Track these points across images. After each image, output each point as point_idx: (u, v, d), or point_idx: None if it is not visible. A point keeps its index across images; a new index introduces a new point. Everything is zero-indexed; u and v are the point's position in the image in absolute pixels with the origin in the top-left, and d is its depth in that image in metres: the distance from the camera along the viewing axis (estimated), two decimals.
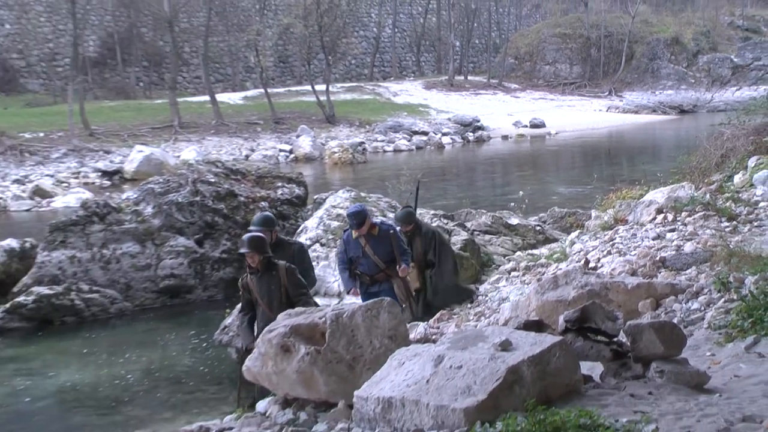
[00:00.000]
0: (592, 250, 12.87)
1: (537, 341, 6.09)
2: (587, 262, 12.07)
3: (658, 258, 11.05)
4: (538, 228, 16.26)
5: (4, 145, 42.17)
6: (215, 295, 16.95)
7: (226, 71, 68.82)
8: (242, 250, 10.26)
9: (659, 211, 13.42)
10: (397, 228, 12.79)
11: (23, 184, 36.80)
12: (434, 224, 14.48)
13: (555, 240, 15.43)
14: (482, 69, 77.24)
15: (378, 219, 12.48)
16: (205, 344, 13.84)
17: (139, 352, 13.93)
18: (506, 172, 40.39)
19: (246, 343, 9.86)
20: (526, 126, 57.20)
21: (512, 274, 13.39)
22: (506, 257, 14.61)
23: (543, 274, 12.26)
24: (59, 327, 15.71)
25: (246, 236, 10.42)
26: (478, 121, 56.57)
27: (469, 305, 12.46)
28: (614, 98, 70.14)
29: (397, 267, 11.88)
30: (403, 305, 11.80)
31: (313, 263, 13.76)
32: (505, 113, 60.03)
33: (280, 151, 46.59)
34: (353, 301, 10.67)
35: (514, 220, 16.44)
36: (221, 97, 56.12)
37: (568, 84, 74.63)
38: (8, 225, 28.35)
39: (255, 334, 9.81)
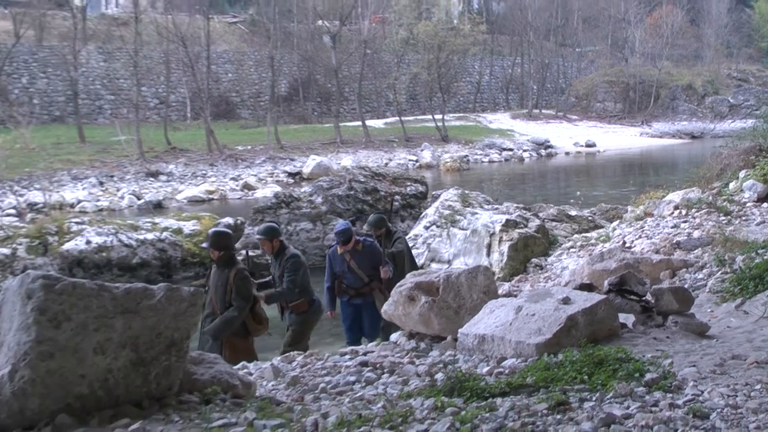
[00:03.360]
0: (628, 234, 12.66)
1: (588, 298, 6.01)
2: (624, 243, 11.88)
3: (674, 241, 10.86)
4: (589, 218, 15.98)
5: (225, 154, 43.11)
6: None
7: (372, 104, 69.09)
8: (203, 245, 8.88)
9: (676, 207, 13.17)
10: (370, 232, 11.14)
11: (237, 181, 37.52)
12: (515, 214, 14.07)
13: (602, 227, 15.14)
14: (552, 105, 76.15)
15: (360, 237, 10.11)
16: None
17: None
18: (567, 178, 39.83)
19: None
20: (582, 145, 56.24)
21: (571, 250, 13.21)
22: (567, 238, 14.40)
23: (593, 250, 12.08)
24: (258, 278, 15.97)
25: (209, 232, 8.75)
26: (548, 142, 55.87)
27: (539, 271, 12.27)
28: (645, 127, 68.59)
29: (381, 267, 9.75)
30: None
31: (431, 239, 13.70)
32: (567, 136, 59.11)
33: (409, 160, 46.61)
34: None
35: (573, 212, 16.20)
36: (369, 122, 56.37)
37: (612, 116, 73.21)
38: (226, 208, 28.98)
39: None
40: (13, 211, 26.84)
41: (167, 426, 4.30)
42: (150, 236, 16.52)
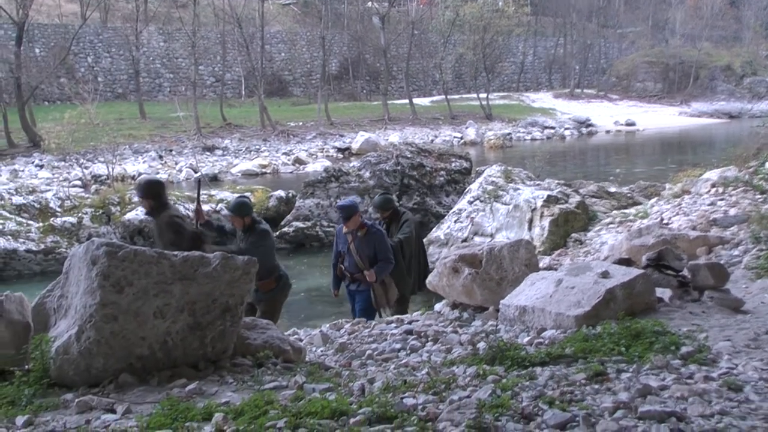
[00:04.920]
0: (666, 211, 12.46)
1: (627, 272, 5.95)
2: (662, 219, 11.70)
3: (711, 218, 10.66)
4: (628, 195, 15.75)
5: (277, 130, 43.32)
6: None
7: (419, 83, 68.74)
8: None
9: (713, 185, 12.92)
10: (375, 215, 9.98)
11: (288, 156, 37.68)
12: (556, 191, 13.83)
13: (640, 203, 14.92)
14: (593, 85, 75.11)
15: (369, 222, 9.01)
16: None
17: None
18: (607, 155, 39.30)
19: None
20: (622, 124, 55.44)
21: (610, 226, 13.04)
22: (606, 214, 14.22)
23: (631, 226, 11.91)
24: (309, 248, 16.08)
25: (139, 179, 7.57)
26: (590, 120, 55.20)
27: (579, 246, 12.13)
28: (684, 106, 67.25)
29: (365, 270, 8.56)
30: (380, 310, 8.79)
31: (474, 213, 13.61)
32: (608, 115, 58.29)
33: (454, 137, 46.37)
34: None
35: (612, 189, 15.98)
36: (416, 100, 56.18)
37: (652, 96, 71.88)
38: (279, 182, 29.12)
39: None
40: (79, 183, 27.30)
41: (221, 387, 4.36)
42: (206, 207, 16.67)
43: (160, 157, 35.99)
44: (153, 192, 7.63)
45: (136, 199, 16.28)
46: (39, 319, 4.80)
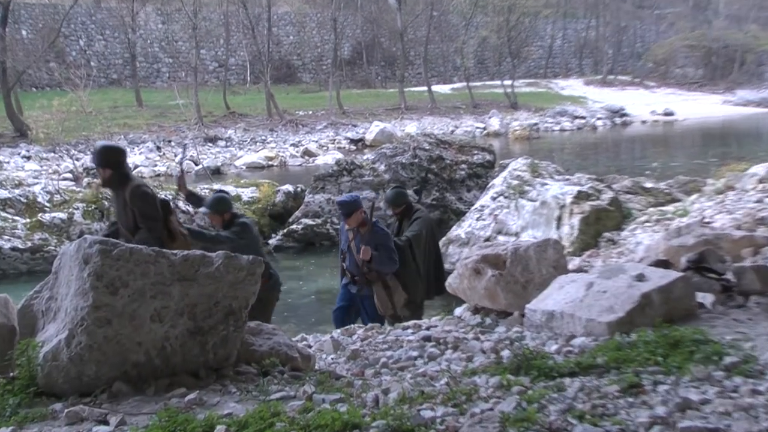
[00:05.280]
0: (708, 209, 12.42)
1: (664, 275, 5.91)
2: (703, 218, 11.65)
3: (758, 217, 10.60)
4: (666, 191, 15.68)
5: (285, 119, 43.46)
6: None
7: (439, 69, 68.78)
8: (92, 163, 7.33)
9: (760, 181, 12.86)
10: (387, 211, 9.74)
11: (297, 147, 37.87)
12: (587, 186, 13.75)
13: (679, 200, 14.84)
14: (628, 71, 74.93)
15: (375, 219, 8.70)
16: None
17: None
18: (643, 148, 39.15)
19: None
20: (660, 114, 55.27)
21: (646, 224, 12.98)
22: (641, 211, 14.16)
23: (669, 225, 11.86)
24: (318, 248, 16.10)
25: (95, 145, 7.41)
26: (624, 110, 55.10)
27: (612, 246, 12.09)
28: (728, 94, 66.93)
29: (363, 251, 8.28)
30: (386, 316, 8.63)
31: (498, 210, 13.59)
32: (644, 104, 58.11)
33: (476, 128, 46.39)
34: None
35: (648, 184, 15.91)
36: (435, 88, 56.25)
37: (692, 83, 71.61)
38: (286, 175, 29.19)
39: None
40: (69, 176, 27.39)
41: (224, 397, 4.36)
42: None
43: (158, 148, 36.17)
44: (113, 160, 7.09)
45: None
46: (25, 322, 4.80)
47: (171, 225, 7.23)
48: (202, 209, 8.41)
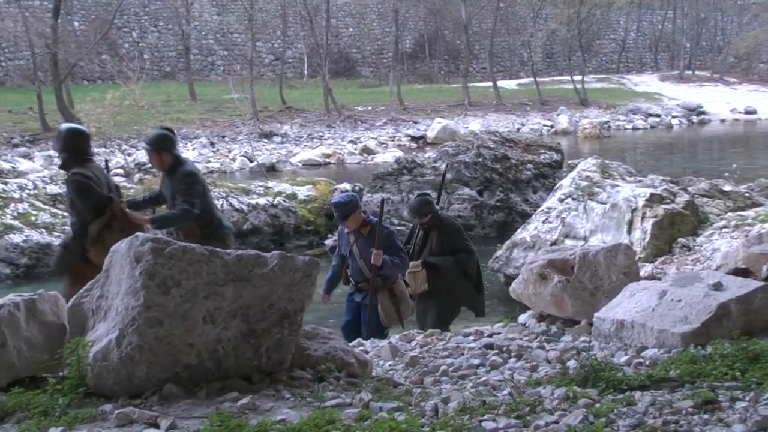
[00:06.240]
0: None
1: (743, 285, 5.83)
2: None
3: None
4: (746, 194, 15.42)
5: (343, 115, 43.65)
6: (489, 233, 16.78)
7: (505, 63, 68.50)
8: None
9: None
10: (414, 220, 9.27)
11: (355, 144, 37.96)
12: (660, 188, 13.58)
13: (761, 205, 14.58)
14: (707, 66, 73.78)
15: (372, 218, 8.36)
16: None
17: None
18: (722, 148, 38.53)
19: None
20: (741, 112, 54.31)
21: (724, 230, 12.79)
22: (719, 216, 13.94)
23: (749, 231, 11.66)
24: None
25: (60, 127, 7.36)
26: (701, 107, 54.20)
27: (687, 253, 11.92)
28: None
29: (374, 255, 7.92)
30: (389, 326, 8.30)
31: (565, 212, 13.50)
32: (723, 102, 57.13)
33: (544, 125, 46.11)
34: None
35: (727, 187, 15.66)
36: (501, 83, 55.98)
37: None
38: (344, 173, 29.35)
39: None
40: (121, 171, 27.81)
41: (278, 403, 4.40)
42: (262, 201, 16.87)
43: (212, 143, 36.57)
44: (73, 146, 7.03)
45: None
46: (75, 321, 4.87)
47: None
48: (143, 144, 8.23)
